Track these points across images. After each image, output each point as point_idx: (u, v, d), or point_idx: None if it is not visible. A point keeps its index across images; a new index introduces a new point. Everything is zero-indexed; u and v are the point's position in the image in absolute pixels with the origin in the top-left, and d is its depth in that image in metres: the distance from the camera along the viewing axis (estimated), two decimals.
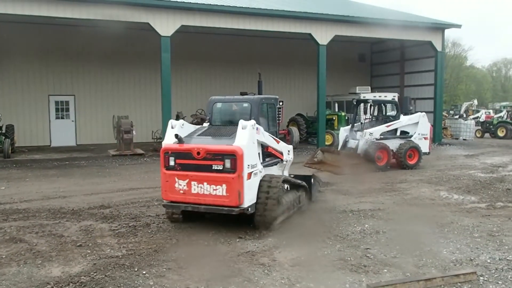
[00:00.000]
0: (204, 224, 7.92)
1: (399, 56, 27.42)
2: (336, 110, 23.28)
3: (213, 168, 7.13)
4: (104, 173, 13.88)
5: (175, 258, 6.37)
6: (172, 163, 7.35)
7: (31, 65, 21.34)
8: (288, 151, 8.98)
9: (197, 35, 22.08)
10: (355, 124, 15.79)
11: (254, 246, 6.90)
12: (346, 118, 21.88)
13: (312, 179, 9.52)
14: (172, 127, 7.68)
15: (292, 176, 9.15)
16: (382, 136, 14.87)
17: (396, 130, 15.31)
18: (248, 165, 7.18)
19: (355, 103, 16.10)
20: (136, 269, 5.92)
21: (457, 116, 34.09)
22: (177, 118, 20.69)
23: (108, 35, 21.23)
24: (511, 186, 11.81)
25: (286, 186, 8.42)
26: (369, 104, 16.12)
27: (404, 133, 15.43)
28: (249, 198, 7.25)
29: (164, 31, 17.64)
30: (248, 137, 7.23)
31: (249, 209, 7.30)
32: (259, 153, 7.79)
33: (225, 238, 7.21)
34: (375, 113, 15.92)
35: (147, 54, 21.48)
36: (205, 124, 8.56)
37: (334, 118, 22.42)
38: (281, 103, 20.55)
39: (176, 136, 7.45)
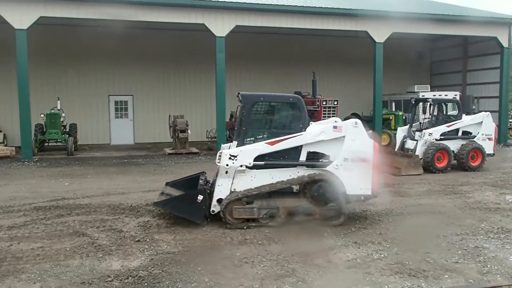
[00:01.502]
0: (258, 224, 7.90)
1: (462, 53, 26.27)
2: (393, 109, 22.68)
3: None
4: (161, 171, 14.24)
5: (229, 256, 6.41)
6: None
7: (92, 67, 22.28)
8: None
9: (251, 34, 22.21)
10: (414, 124, 15.31)
11: (308, 246, 6.82)
12: (404, 117, 21.27)
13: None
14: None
15: None
16: (442, 137, 14.33)
17: (457, 130, 14.69)
18: None
19: (413, 102, 15.62)
20: (191, 265, 6.01)
21: None
22: (231, 118, 20.94)
23: (165, 37, 21.88)
24: None
25: None
26: (428, 103, 15.56)
27: (466, 133, 14.77)
28: None
29: (219, 32, 17.87)
30: None
31: None
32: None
33: (279, 238, 7.17)
34: (435, 113, 15.33)
35: (202, 54, 21.84)
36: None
37: (391, 118, 21.85)
38: (335, 103, 20.28)
39: None
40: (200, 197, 7.69)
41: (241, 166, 7.77)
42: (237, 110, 9.14)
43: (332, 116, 19.99)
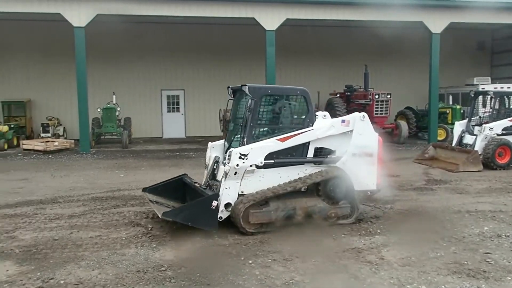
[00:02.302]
0: (308, 220, 7.67)
1: None
2: (450, 103, 21.80)
3: None
4: None
5: (280, 250, 6.38)
6: None
7: (146, 62, 22.82)
8: None
9: (300, 27, 21.97)
10: (473, 118, 14.62)
11: (361, 243, 6.68)
12: (462, 111, 20.40)
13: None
14: None
15: None
16: (504, 132, 13.61)
17: None
18: None
19: (473, 95, 14.90)
20: (242, 258, 6.03)
21: None
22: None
23: (215, 31, 22.06)
24: None
25: None
26: (489, 96, 14.80)
27: None
28: None
29: (269, 25, 17.80)
30: None
31: None
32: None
33: (330, 233, 7.06)
34: (496, 106, 14.57)
35: (252, 48, 21.85)
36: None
37: (447, 112, 21.04)
38: (388, 96, 19.73)
39: None
40: (215, 203, 6.89)
41: (251, 165, 7.06)
42: (228, 104, 8.41)
43: (385, 110, 19.53)
